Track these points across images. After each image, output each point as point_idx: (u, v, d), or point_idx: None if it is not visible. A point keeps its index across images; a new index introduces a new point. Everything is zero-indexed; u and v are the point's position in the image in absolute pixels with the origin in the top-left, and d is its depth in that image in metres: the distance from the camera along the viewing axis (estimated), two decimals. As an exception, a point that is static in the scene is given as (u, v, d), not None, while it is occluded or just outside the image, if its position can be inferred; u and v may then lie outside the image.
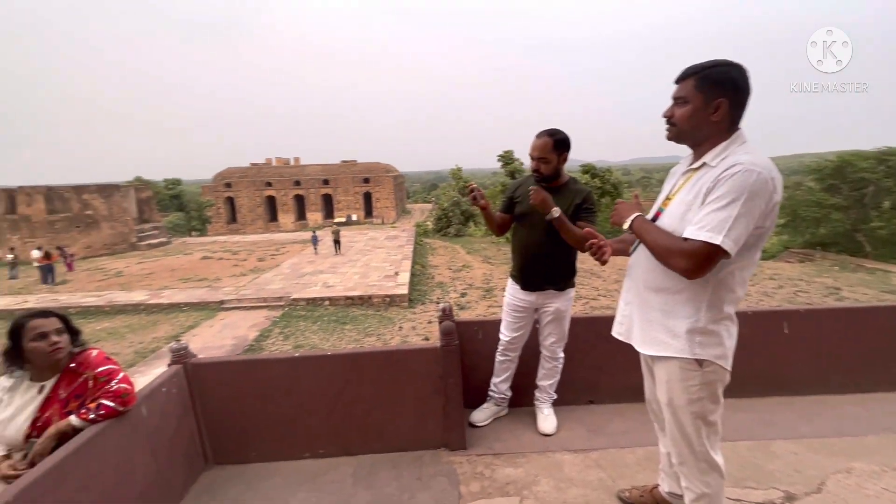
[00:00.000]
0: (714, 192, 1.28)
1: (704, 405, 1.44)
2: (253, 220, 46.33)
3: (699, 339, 1.39)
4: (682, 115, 1.38)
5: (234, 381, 2.27)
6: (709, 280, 1.35)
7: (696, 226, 1.28)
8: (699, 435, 1.46)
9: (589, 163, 27.93)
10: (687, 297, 1.39)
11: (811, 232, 22.03)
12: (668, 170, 1.68)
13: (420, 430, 2.35)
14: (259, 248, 22.74)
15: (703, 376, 1.41)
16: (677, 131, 1.42)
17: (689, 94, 1.35)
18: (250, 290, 13.83)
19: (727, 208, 1.24)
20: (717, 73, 1.31)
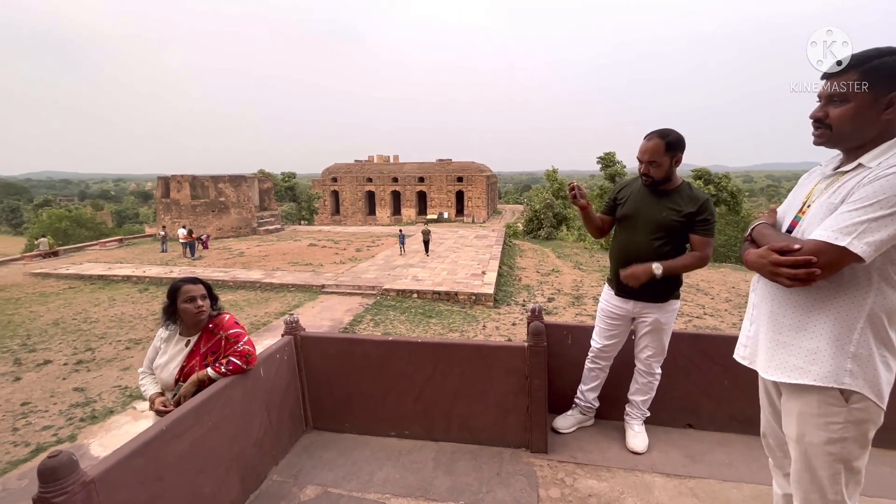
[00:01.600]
0: (861, 190, 1.12)
1: (848, 448, 1.22)
2: (353, 212, 49.81)
3: (850, 366, 1.18)
4: (842, 115, 1.19)
5: (335, 356, 2.49)
6: (868, 295, 1.17)
7: (826, 226, 1.14)
8: (836, 482, 1.24)
9: (703, 167, 25.36)
10: (836, 313, 1.20)
11: None
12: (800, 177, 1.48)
13: (502, 427, 2.36)
14: (358, 238, 24.42)
15: (849, 413, 1.20)
16: (832, 134, 1.22)
17: (850, 91, 1.17)
18: (348, 277, 14.91)
19: (867, 210, 1.09)
20: (886, 63, 1.13)
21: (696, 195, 2.13)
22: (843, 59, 1.20)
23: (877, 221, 1.08)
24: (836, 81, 1.19)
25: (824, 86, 1.23)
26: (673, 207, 2.11)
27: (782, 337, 1.28)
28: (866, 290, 1.17)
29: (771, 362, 1.31)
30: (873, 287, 1.16)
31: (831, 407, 1.21)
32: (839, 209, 1.15)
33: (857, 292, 1.17)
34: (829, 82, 1.21)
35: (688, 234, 2.13)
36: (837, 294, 1.19)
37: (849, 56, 1.19)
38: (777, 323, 1.30)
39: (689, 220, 2.09)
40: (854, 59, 1.17)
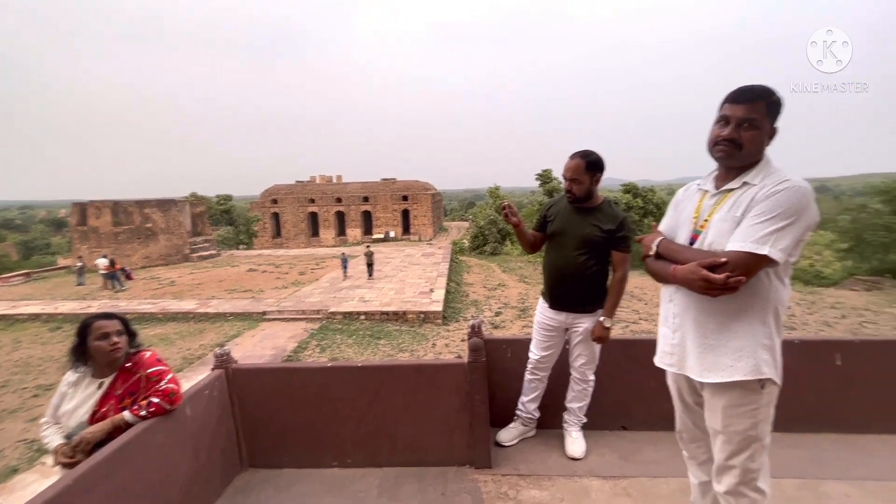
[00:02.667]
0: (761, 206, 1.29)
1: (763, 428, 1.41)
2: (296, 234, 48.19)
3: (766, 357, 1.36)
4: (752, 138, 1.35)
5: (271, 388, 2.38)
6: (770, 292, 1.35)
7: (740, 238, 1.30)
8: (753, 459, 1.41)
9: (631, 182, 27.27)
10: (752, 312, 1.36)
11: (879, 258, 20.30)
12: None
13: (446, 446, 2.37)
14: (300, 261, 23.59)
15: (764, 397, 1.39)
16: (740, 154, 1.37)
17: (760, 119, 1.34)
18: (290, 302, 14.32)
19: (775, 220, 1.26)
20: (779, 100, 1.34)
21: (615, 213, 2.30)
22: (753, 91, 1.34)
23: (782, 230, 1.26)
24: (750, 108, 1.34)
25: (735, 109, 1.35)
26: (596, 224, 2.27)
27: (709, 340, 1.42)
28: (768, 288, 1.35)
29: (703, 366, 1.43)
30: (773, 285, 1.35)
31: (751, 395, 1.38)
32: (744, 222, 1.31)
33: (763, 292, 1.35)
34: (743, 107, 1.34)
35: (609, 249, 2.30)
36: (750, 295, 1.35)
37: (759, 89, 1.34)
38: (703, 328, 1.43)
39: (610, 237, 2.26)
40: (762, 92, 1.34)
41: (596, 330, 2.31)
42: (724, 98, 1.40)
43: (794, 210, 1.26)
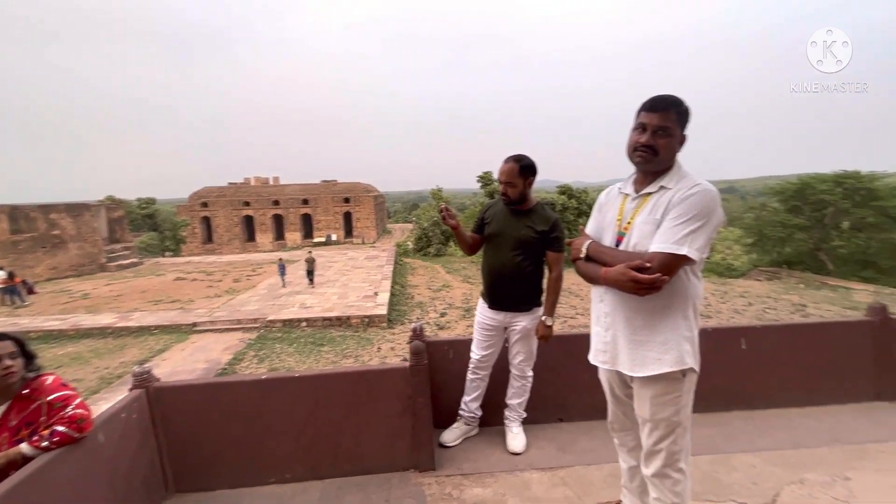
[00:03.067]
0: (677, 209, 1.40)
1: (686, 412, 1.52)
2: (229, 239, 45.47)
3: (688, 347, 1.48)
4: (666, 144, 1.46)
5: (199, 405, 2.23)
6: (687, 287, 1.47)
7: (661, 240, 1.40)
8: (676, 444, 1.52)
9: (566, 184, 28.60)
10: (674, 308, 1.47)
11: (777, 251, 22.95)
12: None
13: (389, 452, 2.34)
14: (235, 268, 22.29)
15: (685, 385, 1.50)
16: (657, 159, 1.47)
17: (673, 126, 1.45)
18: (224, 311, 13.50)
19: (690, 222, 1.37)
20: (688, 109, 1.46)
21: (548, 215, 2.41)
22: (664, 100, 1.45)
23: (696, 231, 1.38)
24: (664, 117, 1.44)
25: (651, 117, 1.45)
26: (530, 226, 2.36)
27: (638, 336, 1.52)
28: (686, 284, 1.47)
29: (634, 361, 1.53)
30: (690, 281, 1.48)
31: (675, 384, 1.49)
32: (663, 224, 1.42)
33: (682, 288, 1.47)
34: (658, 115, 1.44)
35: (544, 249, 2.39)
36: (672, 292, 1.46)
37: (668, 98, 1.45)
38: (633, 326, 1.52)
39: (543, 238, 2.35)
40: (672, 101, 1.45)
41: (539, 329, 2.39)
42: (641, 106, 1.49)
43: (706, 212, 1.38)
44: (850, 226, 21.23)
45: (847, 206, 20.70)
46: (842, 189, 20.81)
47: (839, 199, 20.72)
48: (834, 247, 21.12)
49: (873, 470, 2.24)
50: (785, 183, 23.43)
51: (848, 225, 21.30)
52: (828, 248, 21.35)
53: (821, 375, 2.92)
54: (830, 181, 21.24)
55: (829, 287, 16.68)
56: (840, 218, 21.38)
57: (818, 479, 2.17)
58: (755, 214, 25.31)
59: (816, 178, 21.93)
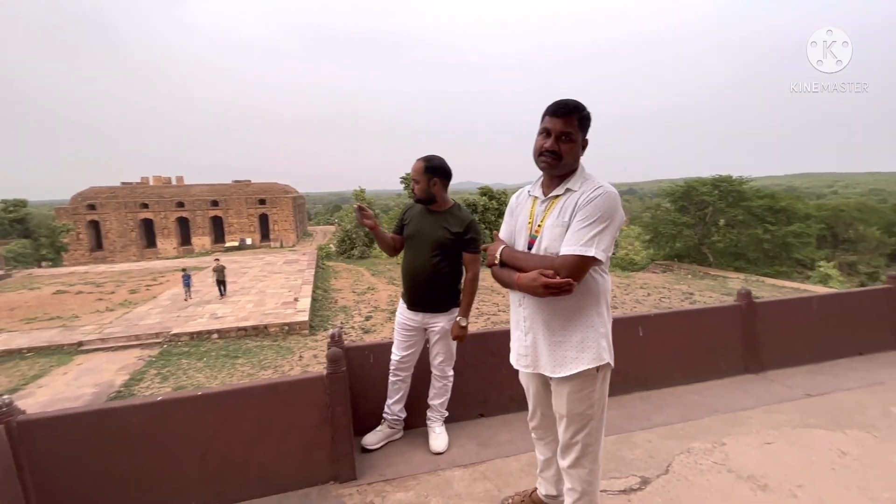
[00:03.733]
0: (582, 212, 1.47)
1: (601, 404, 1.60)
2: (124, 246, 40.61)
3: (604, 343, 1.54)
4: (569, 150, 1.52)
5: (79, 438, 1.95)
6: (599, 290, 1.55)
7: (570, 242, 1.46)
8: (591, 436, 1.59)
9: (486, 185, 29.57)
10: (586, 308, 1.54)
11: (670, 246, 25.90)
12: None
13: (307, 466, 2.24)
14: (132, 278, 19.92)
15: (599, 380, 1.57)
16: (560, 164, 1.53)
17: (575, 132, 1.51)
18: (119, 327, 12.00)
19: (595, 224, 1.45)
20: (589, 114, 1.54)
21: (463, 216, 2.44)
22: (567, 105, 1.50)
23: (602, 232, 1.45)
24: (567, 122, 1.50)
25: (555, 123, 1.50)
26: (446, 227, 2.39)
27: (556, 337, 1.56)
28: (597, 282, 1.55)
29: (554, 363, 1.57)
30: (597, 278, 1.55)
31: (590, 380, 1.55)
32: (571, 227, 1.48)
33: (594, 286, 1.55)
34: (562, 121, 1.50)
35: (460, 250, 2.43)
36: (586, 292, 1.53)
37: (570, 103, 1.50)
38: (551, 328, 1.57)
39: (458, 239, 2.39)
40: (574, 106, 1.50)
41: (454, 330, 2.42)
42: (545, 111, 1.55)
43: (608, 213, 1.46)
44: (725, 223, 24.60)
45: (722, 206, 23.95)
46: (718, 191, 24.02)
47: (716, 200, 23.91)
48: (713, 242, 24.36)
49: (744, 434, 2.59)
50: (675, 186, 26.50)
51: (723, 222, 24.66)
52: (709, 243, 24.55)
53: (703, 355, 3.33)
54: (709, 184, 24.43)
55: (711, 277, 19.14)
56: (717, 216, 24.67)
57: (702, 446, 2.46)
58: (651, 214, 28.37)
59: (698, 181, 25.09)
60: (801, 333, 3.64)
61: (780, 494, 2.06)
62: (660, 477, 2.22)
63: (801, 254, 23.13)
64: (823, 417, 2.74)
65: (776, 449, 2.43)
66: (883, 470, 2.23)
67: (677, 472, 2.26)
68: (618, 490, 2.14)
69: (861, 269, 27.39)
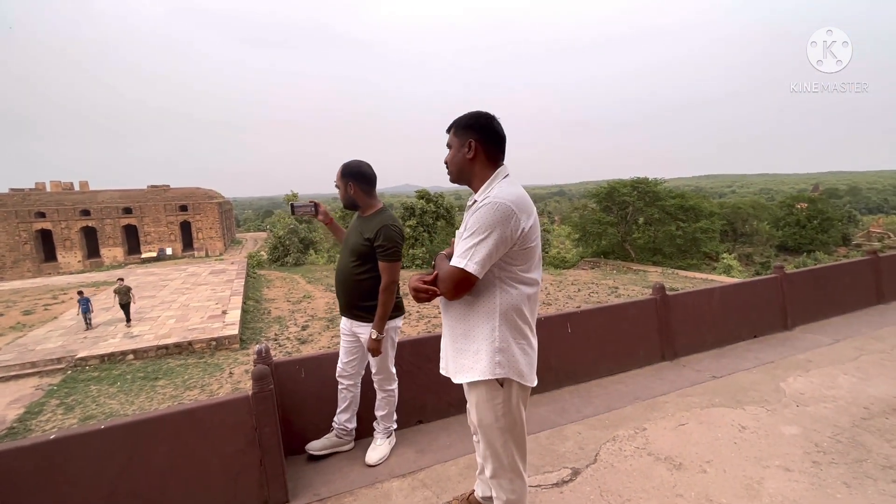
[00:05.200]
0: (468, 223, 1.49)
1: (509, 420, 1.54)
2: (15, 261, 35.68)
3: (498, 358, 1.49)
4: (450, 157, 1.61)
5: (-53, 492, 1.67)
6: (495, 298, 1.50)
7: (455, 254, 1.50)
8: (507, 449, 1.58)
9: (423, 188, 29.67)
10: (482, 320, 1.51)
11: (596, 244, 27.68)
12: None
13: (234, 493, 2.09)
14: (24, 297, 17.52)
15: (503, 393, 1.52)
16: (451, 172, 1.63)
17: (452, 141, 1.60)
18: (11, 353, 10.50)
19: (472, 237, 1.45)
20: (466, 122, 1.59)
21: (378, 222, 2.30)
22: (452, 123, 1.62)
23: (477, 245, 1.43)
24: (449, 137, 1.62)
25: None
26: (362, 233, 2.33)
27: (458, 344, 1.57)
28: (493, 295, 1.51)
29: (455, 368, 1.59)
30: (498, 292, 1.51)
31: (493, 392, 1.52)
32: (462, 237, 1.50)
33: (488, 299, 1.51)
34: (448, 138, 1.62)
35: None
36: (478, 303, 1.52)
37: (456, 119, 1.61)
38: (454, 334, 1.58)
39: (371, 245, 2.29)
40: (453, 122, 1.61)
41: (367, 343, 2.32)
42: None
43: (488, 226, 1.41)
44: (643, 221, 26.75)
45: (641, 206, 26.01)
46: (637, 192, 26.06)
47: (635, 200, 25.91)
48: (634, 239, 26.39)
49: (661, 418, 2.81)
50: (599, 187, 28.37)
51: (642, 220, 26.80)
52: (630, 240, 26.55)
53: (625, 346, 3.57)
54: (629, 185, 26.44)
55: (633, 271, 20.66)
56: (637, 215, 26.76)
57: (625, 433, 2.64)
58: (579, 214, 30.12)
59: (620, 183, 27.05)
60: (706, 321, 4.03)
61: (692, 472, 2.26)
62: (589, 466, 2.34)
63: (708, 247, 25.78)
64: (726, 396, 3.05)
65: (688, 429, 2.66)
66: (774, 440, 2.52)
67: (604, 460, 2.39)
68: (551, 483, 2.22)
69: (756, 259, 31.14)
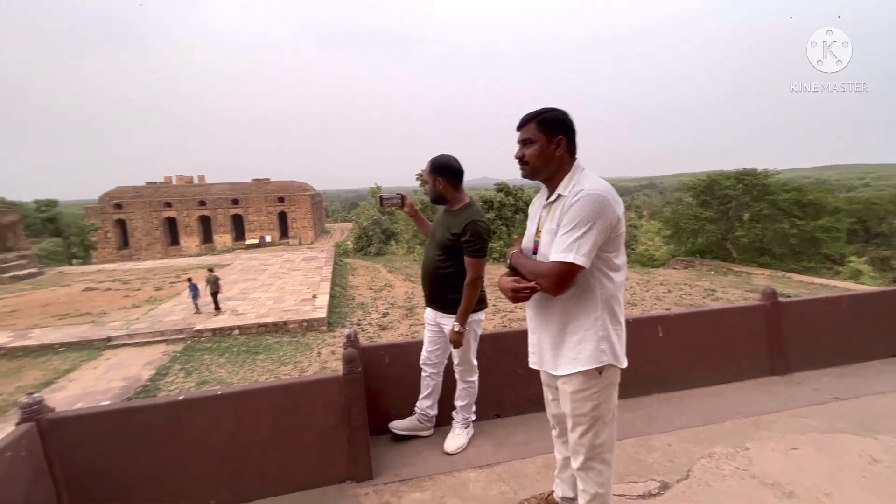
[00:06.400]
0: (565, 217, 1.48)
1: (605, 407, 1.59)
2: (149, 244, 41.77)
3: (603, 346, 1.55)
4: (533, 153, 1.57)
5: (105, 435, 2.01)
6: (599, 292, 1.54)
7: (554, 249, 1.48)
8: (598, 437, 1.60)
9: (502, 181, 29.36)
10: (584, 311, 1.55)
11: (691, 242, 25.27)
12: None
13: (324, 465, 2.26)
14: (156, 275, 20.49)
15: (603, 381, 1.57)
16: (530, 168, 1.60)
17: (535, 136, 1.56)
18: (145, 323, 12.38)
19: (574, 230, 1.45)
20: (552, 116, 1.56)
21: (465, 217, 2.32)
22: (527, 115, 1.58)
23: (581, 237, 1.45)
24: (524, 131, 1.58)
25: (519, 134, 1.60)
26: (449, 227, 2.37)
27: (556, 338, 1.60)
28: (593, 285, 1.55)
29: (555, 361, 1.61)
30: (597, 282, 1.55)
31: (592, 381, 1.56)
32: (558, 233, 1.50)
33: (588, 289, 1.54)
34: (520, 132, 1.59)
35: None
36: (582, 295, 1.55)
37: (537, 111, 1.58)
38: (550, 328, 1.61)
39: (457, 240, 2.31)
40: (530, 116, 1.58)
41: (449, 335, 2.38)
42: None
43: (590, 217, 1.44)
44: (749, 217, 23.87)
45: (747, 200, 23.23)
46: (742, 185, 23.32)
47: (740, 193, 23.21)
48: (737, 237, 23.64)
49: (768, 438, 2.51)
50: (696, 179, 25.83)
51: (748, 217, 23.93)
52: (732, 237, 23.86)
53: (725, 356, 3.24)
54: (733, 178, 23.71)
55: (734, 273, 18.64)
56: (741, 210, 23.96)
57: (724, 451, 2.40)
58: (672, 209, 27.69)
59: (721, 175, 24.37)
60: (829, 334, 3.51)
61: (806, 502, 2.00)
62: (680, 482, 2.17)
63: (831, 249, 22.29)
64: (853, 422, 2.64)
65: (802, 454, 2.35)
66: (918, 479, 2.13)
67: (698, 476, 2.21)
68: (636, 495, 2.10)
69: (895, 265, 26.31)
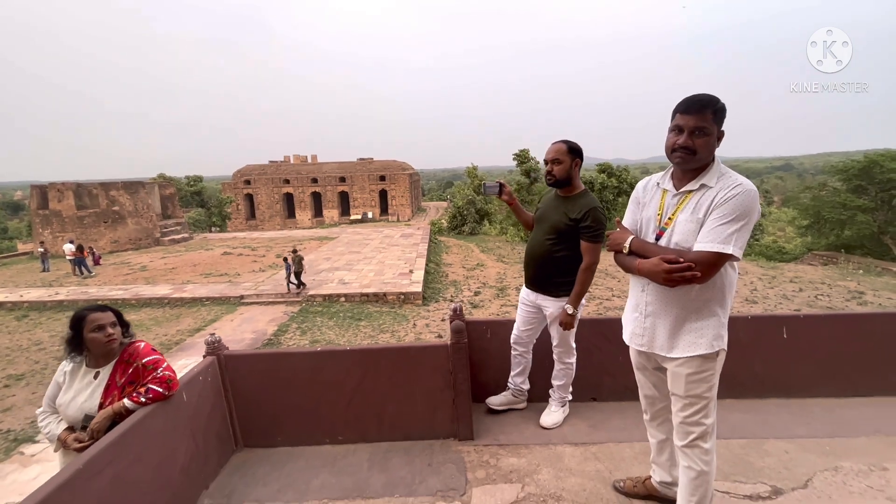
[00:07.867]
0: (721, 209, 1.49)
1: (714, 389, 1.66)
2: (271, 216, 47.24)
3: (722, 332, 1.61)
4: (704, 144, 1.52)
5: (262, 372, 2.49)
6: (724, 282, 1.58)
7: (708, 239, 1.49)
8: (708, 417, 1.66)
9: (606, 161, 27.69)
10: (711, 298, 1.59)
11: (836, 234, 21.44)
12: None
13: (431, 421, 2.54)
14: (277, 244, 23.28)
15: (717, 365, 1.64)
16: (694, 159, 1.54)
17: (710, 126, 1.51)
18: (269, 285, 14.23)
19: (734, 222, 1.47)
20: (724, 107, 1.52)
21: (585, 203, 2.37)
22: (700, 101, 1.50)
23: (739, 231, 1.48)
24: (700, 118, 1.50)
25: (687, 119, 1.51)
26: (566, 212, 2.40)
27: (679, 323, 1.64)
28: (723, 276, 1.58)
29: (672, 345, 1.66)
30: (727, 272, 1.59)
31: (708, 363, 1.62)
32: (707, 223, 1.51)
33: (720, 279, 1.58)
34: (694, 118, 1.50)
35: (578, 238, 2.39)
36: (713, 285, 1.58)
37: (704, 98, 1.50)
38: (674, 314, 1.64)
39: (575, 225, 2.36)
40: (708, 101, 1.50)
41: (561, 316, 2.44)
42: (675, 108, 1.55)
43: (747, 211, 1.48)
44: (919, 208, 19.53)
45: (919, 186, 19.00)
46: (914, 167, 19.08)
47: (910, 178, 19.03)
48: (900, 230, 19.54)
49: (914, 462, 2.22)
50: (849, 161, 21.64)
51: (918, 207, 19.60)
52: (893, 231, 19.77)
53: (865, 366, 2.86)
54: (901, 158, 19.48)
55: (892, 273, 15.57)
56: (909, 199, 19.68)
57: (854, 467, 2.19)
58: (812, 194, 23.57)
59: (887, 155, 20.10)
60: None
61: (958, 536, 1.77)
62: (795, 490, 2.05)
63: None
64: None
65: (960, 485, 2.05)
66: None
67: (819, 488, 2.05)
68: (743, 494, 2.04)
69: None
